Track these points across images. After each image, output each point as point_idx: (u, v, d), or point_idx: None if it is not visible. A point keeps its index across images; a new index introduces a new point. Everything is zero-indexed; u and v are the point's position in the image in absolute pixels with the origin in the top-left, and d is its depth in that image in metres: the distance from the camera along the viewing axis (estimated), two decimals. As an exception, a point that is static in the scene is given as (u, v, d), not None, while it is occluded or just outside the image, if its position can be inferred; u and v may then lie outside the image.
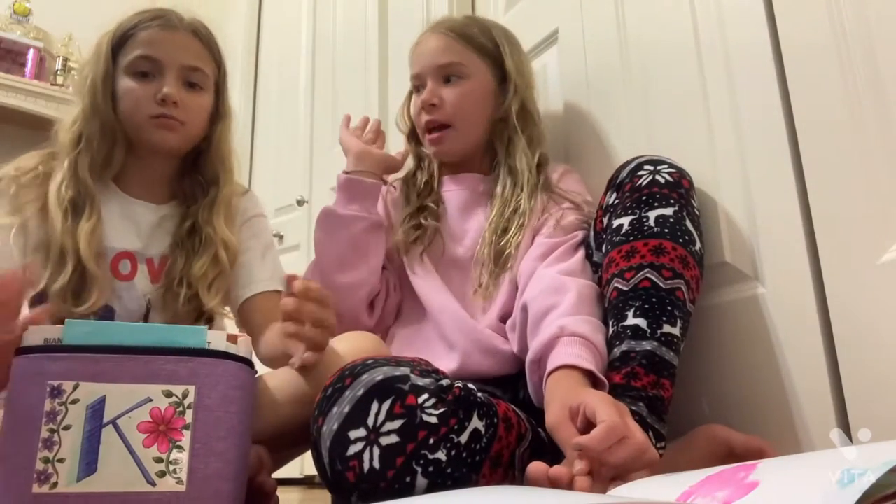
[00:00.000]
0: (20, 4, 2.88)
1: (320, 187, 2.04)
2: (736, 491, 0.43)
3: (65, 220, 0.95)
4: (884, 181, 0.74)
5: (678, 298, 0.80)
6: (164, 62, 1.01)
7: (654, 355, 0.76)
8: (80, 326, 0.65)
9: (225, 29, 2.62)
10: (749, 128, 0.90)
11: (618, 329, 0.79)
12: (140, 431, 0.62)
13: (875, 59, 0.76)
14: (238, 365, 0.69)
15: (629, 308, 0.79)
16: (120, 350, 0.64)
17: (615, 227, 0.86)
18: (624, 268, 0.82)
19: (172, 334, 0.67)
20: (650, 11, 1.08)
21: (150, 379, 0.64)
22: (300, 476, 1.71)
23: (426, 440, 0.63)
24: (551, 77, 1.30)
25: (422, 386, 0.66)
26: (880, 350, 0.74)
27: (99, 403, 0.62)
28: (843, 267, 0.78)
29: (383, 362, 0.68)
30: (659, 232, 0.82)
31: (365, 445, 0.63)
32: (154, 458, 0.62)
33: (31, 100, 2.73)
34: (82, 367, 0.63)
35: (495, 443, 0.68)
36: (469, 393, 0.68)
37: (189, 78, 1.03)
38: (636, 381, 0.75)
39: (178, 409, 0.64)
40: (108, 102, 1.01)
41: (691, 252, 0.83)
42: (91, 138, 1.00)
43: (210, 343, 0.67)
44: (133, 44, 1.02)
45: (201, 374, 0.65)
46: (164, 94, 0.99)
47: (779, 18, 0.87)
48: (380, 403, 0.64)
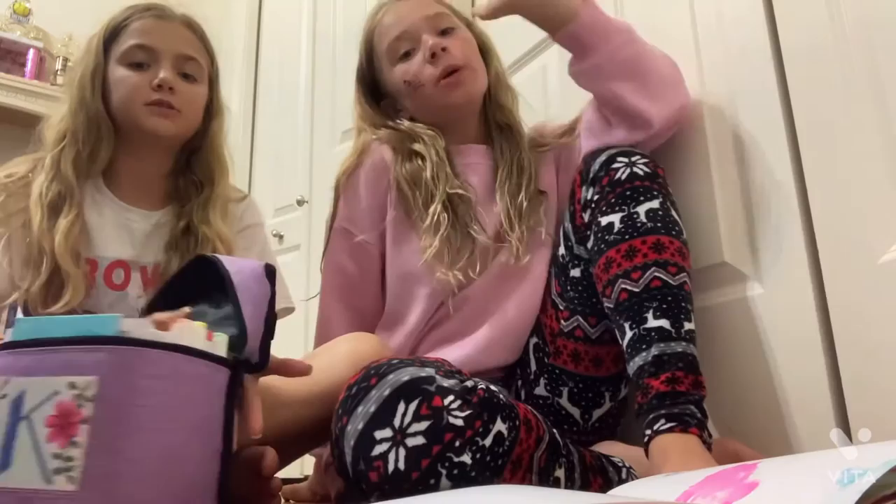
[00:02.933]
0: (20, 4, 2.88)
1: (320, 187, 2.04)
2: (736, 491, 0.43)
3: (43, 220, 0.93)
4: (884, 181, 0.74)
5: (688, 292, 0.81)
6: (159, 50, 1.00)
7: (687, 355, 0.76)
8: (26, 323, 0.63)
9: (225, 29, 2.63)
10: (749, 127, 0.90)
11: (640, 332, 0.78)
12: (46, 426, 0.57)
13: (875, 59, 0.76)
14: (165, 354, 0.60)
15: (647, 310, 0.79)
16: (41, 343, 0.60)
17: (605, 226, 0.85)
18: (628, 268, 0.81)
19: (88, 323, 0.61)
20: (650, 11, 1.08)
21: (61, 370, 0.59)
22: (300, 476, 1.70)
23: (452, 442, 0.63)
24: (551, 77, 1.30)
25: (447, 387, 0.65)
26: (880, 350, 0.74)
27: (19, 397, 0.58)
28: (843, 267, 0.78)
29: (408, 362, 0.67)
30: (653, 227, 0.82)
31: (391, 446, 0.62)
32: (53, 454, 0.56)
33: (31, 100, 2.73)
34: (14, 361, 0.60)
35: (517, 446, 0.67)
36: (493, 395, 0.67)
37: (184, 68, 1.02)
38: (680, 385, 0.74)
39: (79, 402, 0.57)
40: (97, 96, 1.00)
41: (683, 242, 0.84)
42: (76, 133, 0.99)
43: (127, 331, 0.60)
44: (126, 34, 1.01)
45: (107, 364, 0.58)
46: (160, 79, 0.97)
47: (779, 19, 0.87)
48: (406, 404, 0.63)
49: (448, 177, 0.98)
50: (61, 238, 0.92)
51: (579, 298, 0.92)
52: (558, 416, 0.93)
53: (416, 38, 1.02)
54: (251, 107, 2.53)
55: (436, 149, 1.00)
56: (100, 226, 0.99)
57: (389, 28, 1.05)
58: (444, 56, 1.00)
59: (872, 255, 0.75)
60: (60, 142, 0.99)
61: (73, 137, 0.99)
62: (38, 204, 0.94)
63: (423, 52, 1.01)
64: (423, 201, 0.97)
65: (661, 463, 0.70)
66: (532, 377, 0.96)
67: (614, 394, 0.93)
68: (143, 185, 1.05)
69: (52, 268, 0.92)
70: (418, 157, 1.00)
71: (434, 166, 0.98)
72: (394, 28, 1.04)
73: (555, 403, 0.93)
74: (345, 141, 1.96)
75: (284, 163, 2.29)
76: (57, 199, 0.95)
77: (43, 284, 0.91)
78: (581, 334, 0.92)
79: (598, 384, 0.92)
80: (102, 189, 1.02)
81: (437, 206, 0.96)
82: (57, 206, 0.95)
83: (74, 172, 0.97)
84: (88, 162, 0.99)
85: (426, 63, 1.01)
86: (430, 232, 0.95)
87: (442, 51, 1.00)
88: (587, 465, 0.75)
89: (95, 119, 0.99)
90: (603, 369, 0.92)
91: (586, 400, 0.92)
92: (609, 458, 0.79)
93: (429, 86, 1.01)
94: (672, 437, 0.72)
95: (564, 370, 0.93)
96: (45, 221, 0.93)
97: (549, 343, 0.95)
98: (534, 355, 0.97)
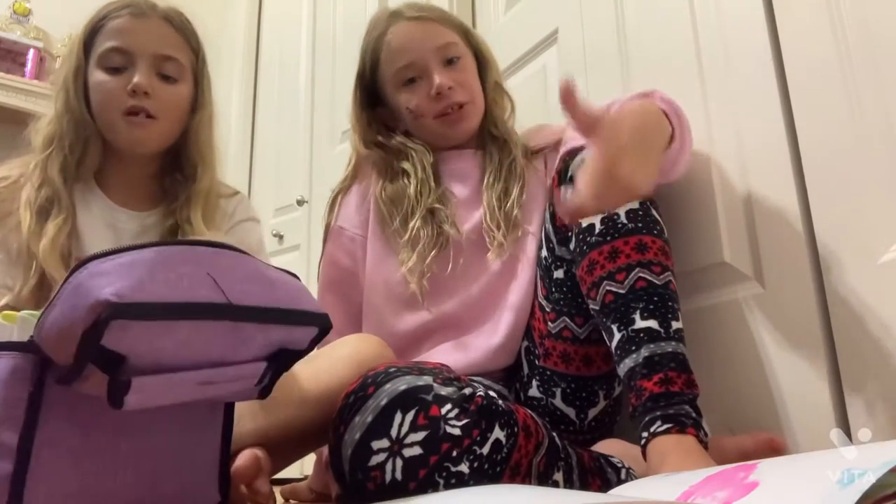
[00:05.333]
0: (20, 4, 2.87)
1: (320, 187, 2.04)
2: (736, 491, 0.43)
3: (31, 224, 0.92)
4: (884, 181, 0.74)
5: (673, 291, 0.80)
6: (134, 52, 0.97)
7: (678, 355, 0.76)
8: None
9: (225, 29, 2.63)
10: (749, 128, 0.90)
11: (628, 333, 0.78)
12: None
13: (875, 59, 0.76)
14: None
15: (633, 311, 0.78)
16: None
17: (586, 227, 0.85)
18: (612, 269, 0.81)
19: None
20: (650, 12, 1.08)
21: None
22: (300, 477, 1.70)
23: (449, 452, 0.63)
24: (551, 77, 1.30)
25: (445, 396, 0.65)
26: (880, 350, 0.74)
27: None
28: (843, 267, 0.78)
29: (406, 370, 0.67)
30: (634, 228, 0.82)
31: (388, 457, 0.62)
32: None
33: (32, 100, 2.72)
34: None
35: (515, 452, 0.67)
36: (491, 402, 0.67)
37: (162, 69, 0.99)
38: (673, 385, 0.74)
39: None
40: (81, 99, 0.98)
41: (665, 241, 0.83)
42: (63, 137, 0.97)
43: None
44: (103, 35, 0.98)
45: None
46: (134, 84, 0.95)
47: (779, 19, 0.87)
48: (403, 414, 0.63)
49: (431, 190, 1.03)
50: (47, 242, 0.91)
51: (564, 300, 0.92)
52: (554, 418, 0.93)
53: (424, 69, 1.05)
54: (251, 107, 2.53)
55: (423, 164, 1.05)
56: (90, 227, 0.98)
57: (398, 54, 1.07)
58: (448, 94, 1.04)
59: (872, 255, 0.75)
60: (48, 146, 0.97)
61: (60, 142, 0.97)
62: (27, 209, 0.94)
63: (430, 87, 1.04)
64: (401, 218, 1.02)
65: (659, 465, 0.70)
66: (525, 379, 0.96)
67: (608, 392, 0.93)
68: (132, 186, 1.04)
69: (41, 271, 0.91)
70: (404, 176, 1.05)
71: (419, 183, 1.03)
72: (402, 56, 1.06)
73: (549, 405, 0.93)
74: (345, 141, 1.96)
75: (284, 163, 2.29)
76: (45, 204, 0.94)
77: (33, 288, 0.91)
78: (569, 335, 0.91)
79: (590, 383, 0.92)
80: (94, 189, 1.01)
81: (417, 220, 1.00)
82: (45, 210, 0.94)
83: (62, 177, 0.96)
84: (77, 166, 0.98)
85: (431, 98, 1.04)
86: (407, 247, 1.00)
87: (448, 90, 1.03)
88: (585, 467, 0.75)
89: (81, 123, 0.98)
90: (594, 368, 0.91)
91: (580, 400, 0.92)
92: (608, 459, 0.79)
93: (428, 118, 1.06)
94: (669, 439, 0.71)
95: (556, 371, 0.92)
96: (34, 225, 0.92)
97: (539, 345, 0.95)
98: (525, 358, 0.98)
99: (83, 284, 0.49)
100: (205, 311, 0.52)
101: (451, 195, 1.05)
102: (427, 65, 1.05)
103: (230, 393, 0.60)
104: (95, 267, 0.50)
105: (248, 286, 0.56)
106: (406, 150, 1.07)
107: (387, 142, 1.10)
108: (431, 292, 0.98)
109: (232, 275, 0.56)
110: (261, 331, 0.57)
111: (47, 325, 0.52)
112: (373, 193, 1.07)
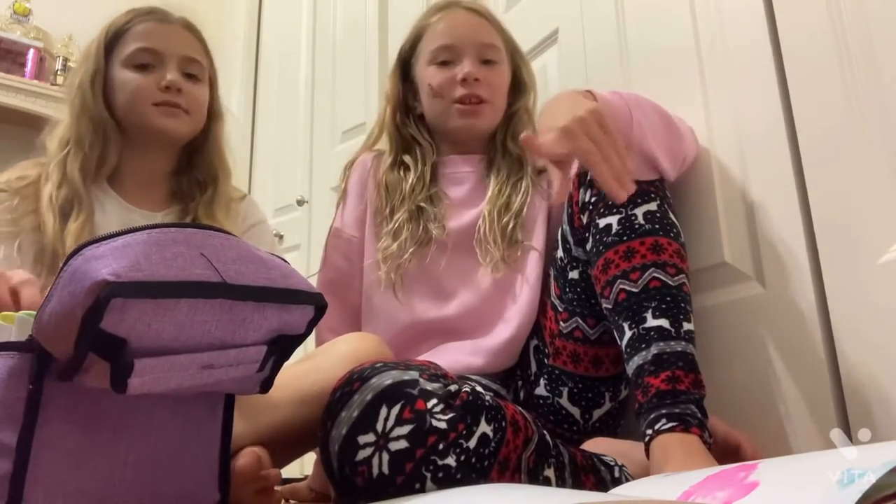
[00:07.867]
0: (20, 4, 2.87)
1: (320, 187, 2.04)
2: (736, 491, 0.43)
3: (55, 224, 0.94)
4: (884, 181, 0.74)
5: (686, 293, 0.81)
6: (164, 53, 1.02)
7: (687, 354, 0.77)
8: None
9: (225, 29, 2.63)
10: (749, 128, 0.90)
11: (639, 331, 0.79)
12: None
13: (875, 59, 0.76)
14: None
15: (646, 309, 0.79)
16: None
17: (603, 227, 0.85)
18: (627, 269, 0.82)
19: None
20: (650, 11, 1.08)
21: None
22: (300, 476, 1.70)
23: (435, 445, 0.63)
24: (551, 77, 1.30)
25: (430, 391, 0.65)
26: (880, 350, 0.74)
27: None
28: (843, 267, 0.78)
29: (392, 366, 0.68)
30: (651, 229, 0.83)
31: (374, 451, 0.62)
32: None
33: (31, 100, 2.73)
34: None
35: (503, 447, 0.67)
36: (477, 397, 0.67)
37: (188, 69, 1.04)
38: (680, 384, 0.74)
39: None
40: (99, 100, 1.01)
41: (681, 244, 0.84)
42: (82, 139, 1.00)
43: None
44: (129, 37, 1.02)
45: None
46: (168, 80, 1.00)
47: (779, 18, 0.87)
48: (388, 408, 0.63)
49: (424, 188, 1.06)
50: (72, 242, 0.93)
51: (578, 300, 0.92)
52: (559, 416, 0.93)
53: (459, 56, 1.07)
54: (251, 107, 2.53)
55: (424, 162, 1.08)
56: (106, 227, 0.99)
57: (441, 33, 1.09)
58: (473, 85, 1.05)
59: (872, 255, 0.75)
60: (64, 147, 1.00)
61: (79, 143, 1.00)
62: (50, 208, 0.95)
63: (458, 71, 1.05)
64: (391, 208, 1.06)
65: (662, 462, 0.71)
66: (532, 378, 0.97)
67: (614, 394, 0.93)
68: (147, 185, 1.06)
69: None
70: (404, 168, 1.08)
71: (415, 179, 1.06)
72: (444, 36, 1.09)
73: (555, 403, 0.93)
74: (345, 141, 1.96)
75: (284, 163, 2.29)
76: (66, 204, 0.96)
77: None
78: (580, 335, 0.92)
79: (597, 384, 0.92)
80: (107, 190, 1.03)
81: (404, 214, 1.04)
82: (67, 210, 0.96)
83: (82, 177, 0.98)
84: (97, 166, 1.01)
85: (455, 82, 1.06)
86: (389, 235, 1.04)
87: (475, 80, 1.05)
88: (578, 465, 0.75)
89: (100, 123, 1.01)
90: (602, 370, 0.92)
91: (586, 400, 0.92)
92: (601, 458, 0.79)
93: (447, 101, 1.07)
94: (673, 437, 0.72)
95: (564, 371, 0.93)
96: (56, 226, 0.94)
97: (549, 344, 0.95)
98: (534, 356, 0.98)
99: (80, 269, 0.49)
100: (201, 289, 0.53)
101: (444, 196, 1.07)
102: (464, 53, 1.07)
103: (232, 379, 0.59)
104: (90, 252, 0.50)
105: (242, 266, 0.57)
106: (413, 144, 1.10)
107: (402, 127, 1.13)
108: (413, 289, 1.02)
109: (225, 255, 0.56)
110: (257, 310, 0.57)
111: (45, 316, 0.51)
112: (372, 176, 1.11)
